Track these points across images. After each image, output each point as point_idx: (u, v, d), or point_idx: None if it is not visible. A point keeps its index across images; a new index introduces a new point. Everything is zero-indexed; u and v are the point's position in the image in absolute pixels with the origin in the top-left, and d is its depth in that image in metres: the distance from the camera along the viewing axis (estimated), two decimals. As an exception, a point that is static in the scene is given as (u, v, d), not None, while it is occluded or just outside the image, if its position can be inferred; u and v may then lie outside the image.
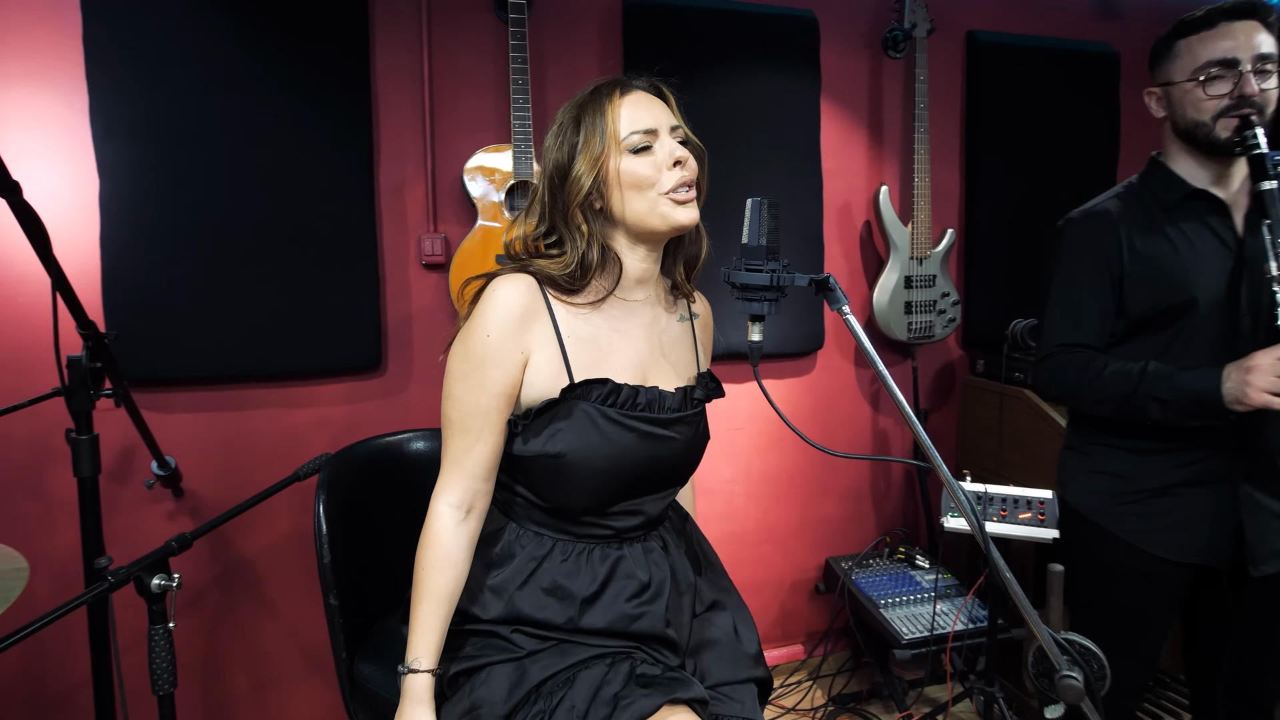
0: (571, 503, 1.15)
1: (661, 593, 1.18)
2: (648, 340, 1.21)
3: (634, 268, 1.19)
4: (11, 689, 1.91)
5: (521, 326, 1.11)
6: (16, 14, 1.76)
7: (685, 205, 1.15)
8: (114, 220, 1.83)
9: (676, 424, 1.19)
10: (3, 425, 1.77)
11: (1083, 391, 1.48)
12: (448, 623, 1.11)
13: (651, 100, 1.16)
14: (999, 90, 2.56)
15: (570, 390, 1.12)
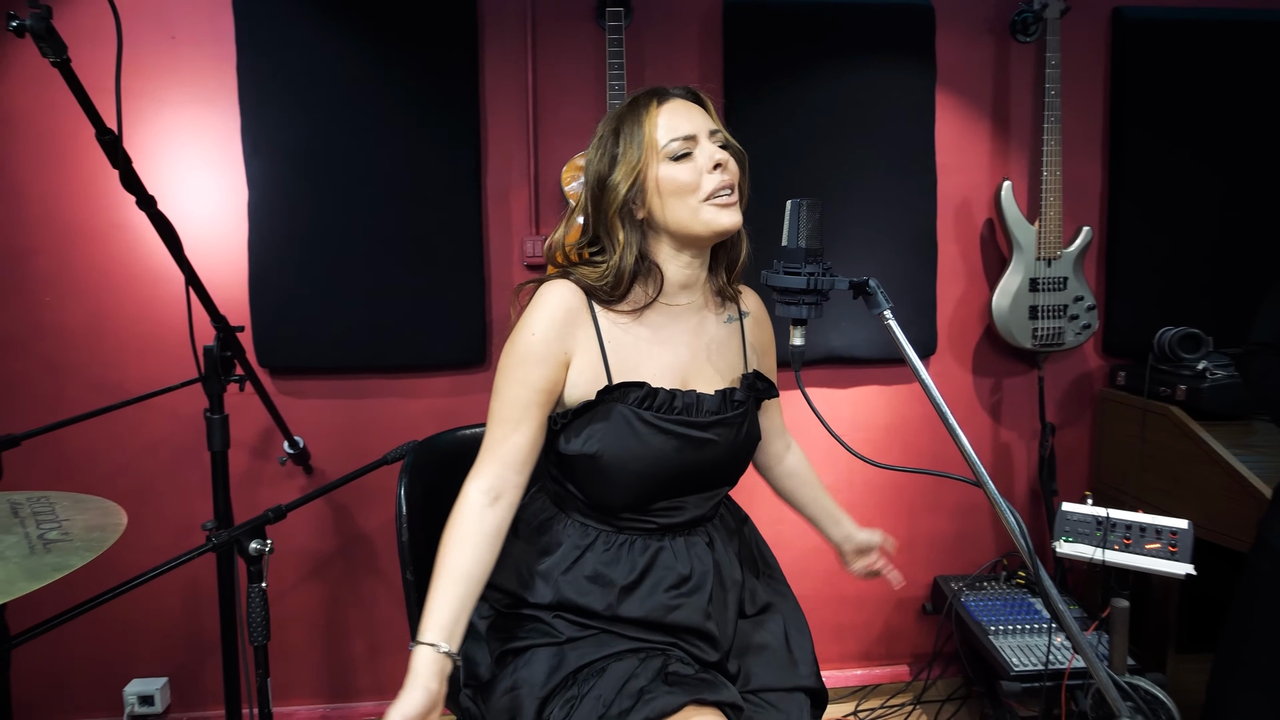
0: (610, 500, 1.18)
1: (702, 586, 1.18)
2: (690, 345, 1.22)
3: (677, 274, 1.20)
4: (175, 629, 2.21)
5: (565, 329, 1.15)
6: (185, 49, 2.04)
7: (728, 209, 1.14)
8: (259, 227, 2.08)
9: (715, 426, 1.19)
10: (172, 402, 2.05)
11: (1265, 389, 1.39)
12: (465, 602, 1.09)
13: (690, 107, 1.17)
14: (1150, 71, 2.30)
15: (607, 393, 1.15)
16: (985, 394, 2.43)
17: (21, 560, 0.79)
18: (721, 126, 1.18)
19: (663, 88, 1.18)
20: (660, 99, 1.16)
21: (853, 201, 2.25)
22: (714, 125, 1.17)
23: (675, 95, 1.17)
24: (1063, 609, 0.93)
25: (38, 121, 2.04)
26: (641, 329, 1.19)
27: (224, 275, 2.09)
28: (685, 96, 1.18)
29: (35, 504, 0.94)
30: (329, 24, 2.04)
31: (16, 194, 2.05)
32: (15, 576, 0.76)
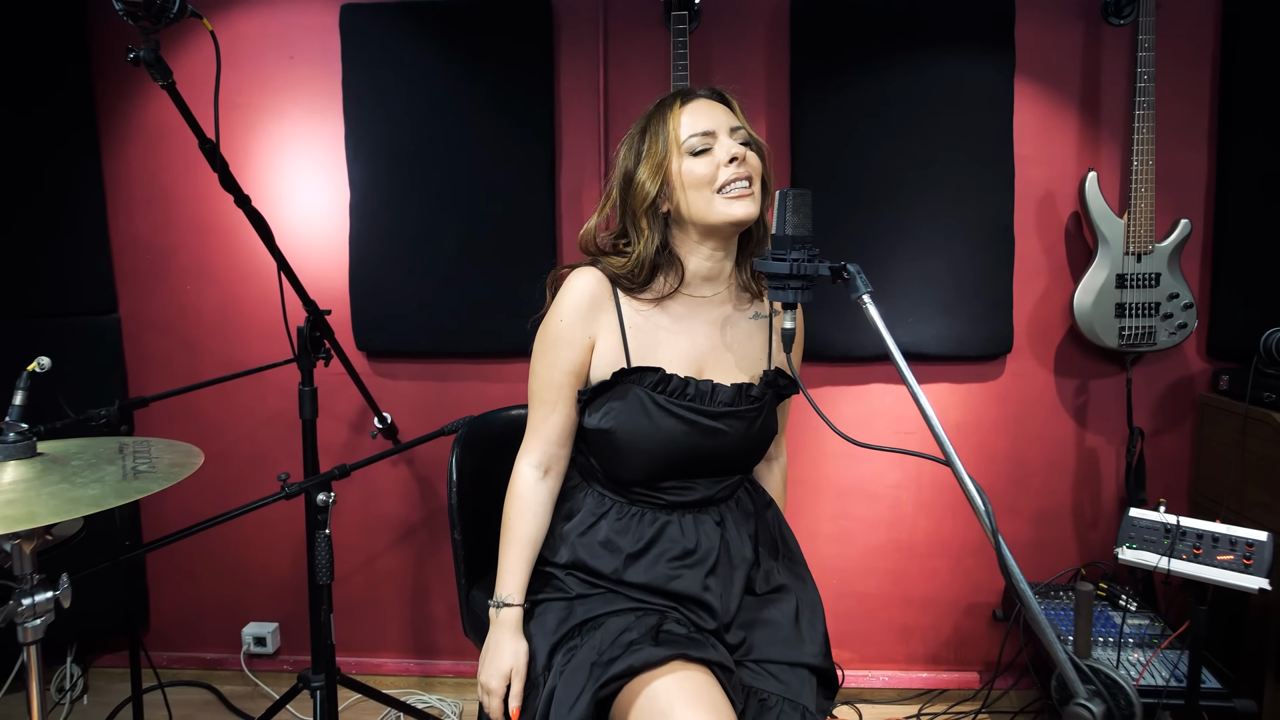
0: (621, 474, 1.27)
1: (705, 560, 1.25)
2: (710, 336, 1.29)
3: (700, 266, 1.28)
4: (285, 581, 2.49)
5: (590, 314, 1.26)
6: (301, 67, 2.30)
7: (742, 199, 1.21)
8: (359, 224, 2.31)
9: (727, 417, 1.25)
10: (283, 379, 2.32)
11: None
12: (531, 564, 1.29)
13: (713, 105, 1.24)
14: (1266, 52, 2.12)
15: (623, 374, 1.24)
16: (1069, 396, 2.32)
17: (115, 484, 0.99)
18: (745, 124, 1.24)
19: (689, 89, 1.27)
20: (685, 99, 1.24)
21: (922, 197, 2.21)
22: (736, 123, 1.24)
23: (700, 95, 1.25)
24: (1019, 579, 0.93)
25: (181, 135, 2.34)
26: (662, 317, 1.28)
27: (329, 267, 2.34)
28: (710, 96, 1.26)
29: (137, 446, 1.15)
30: (420, 39, 2.24)
31: (164, 198, 2.39)
32: (108, 495, 0.96)
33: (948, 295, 2.24)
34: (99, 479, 1.02)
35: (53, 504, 0.94)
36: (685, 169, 1.21)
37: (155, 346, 2.44)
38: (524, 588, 1.27)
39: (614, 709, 1.12)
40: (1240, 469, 2.05)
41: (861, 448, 1.09)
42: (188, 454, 1.15)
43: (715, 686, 1.12)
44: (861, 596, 2.41)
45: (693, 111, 1.23)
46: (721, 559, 1.28)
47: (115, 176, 2.39)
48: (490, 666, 1.23)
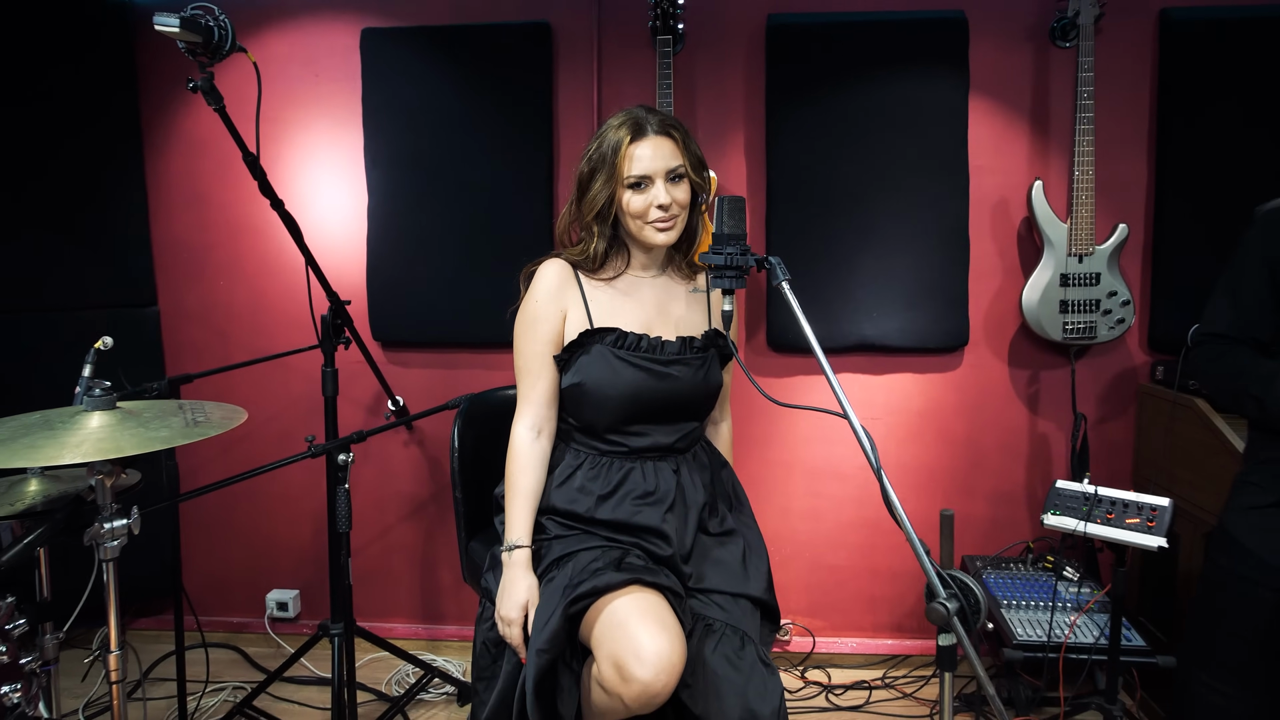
0: (593, 421, 1.52)
1: (664, 500, 1.49)
2: (656, 304, 1.56)
3: (640, 258, 1.57)
4: (306, 551, 2.74)
5: (559, 293, 1.52)
6: (325, 84, 2.56)
7: (663, 232, 1.48)
8: (376, 226, 2.56)
9: (675, 364, 1.51)
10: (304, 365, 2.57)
11: (1203, 379, 1.56)
12: (534, 512, 1.52)
13: (658, 143, 1.46)
14: (1199, 71, 2.33)
15: (588, 334, 1.49)
16: (1022, 385, 2.53)
17: (180, 429, 1.24)
18: (684, 160, 1.47)
19: (641, 122, 1.47)
20: (635, 137, 1.46)
21: (887, 203, 2.43)
22: (676, 162, 1.47)
23: (650, 132, 1.46)
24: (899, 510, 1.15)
25: (218, 146, 2.62)
26: (616, 291, 1.54)
27: (348, 265, 2.59)
28: (658, 132, 1.47)
29: (193, 406, 1.40)
30: (433, 59, 2.49)
31: (202, 202, 2.65)
32: (176, 436, 1.21)
33: (910, 292, 2.46)
34: (166, 425, 1.26)
35: (134, 440, 1.18)
36: (625, 198, 1.48)
37: (190, 335, 2.70)
38: (530, 531, 1.50)
39: (582, 625, 1.34)
40: (1170, 450, 2.26)
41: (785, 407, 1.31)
42: (233, 412, 1.39)
43: (666, 607, 1.34)
44: (832, 569, 2.63)
45: (639, 151, 1.45)
46: (678, 500, 1.51)
47: (157, 182, 2.66)
48: (508, 601, 1.44)
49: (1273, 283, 1.43)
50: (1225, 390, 1.51)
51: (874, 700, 2.44)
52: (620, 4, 2.49)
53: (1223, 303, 1.53)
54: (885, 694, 2.48)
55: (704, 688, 1.33)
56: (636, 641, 1.25)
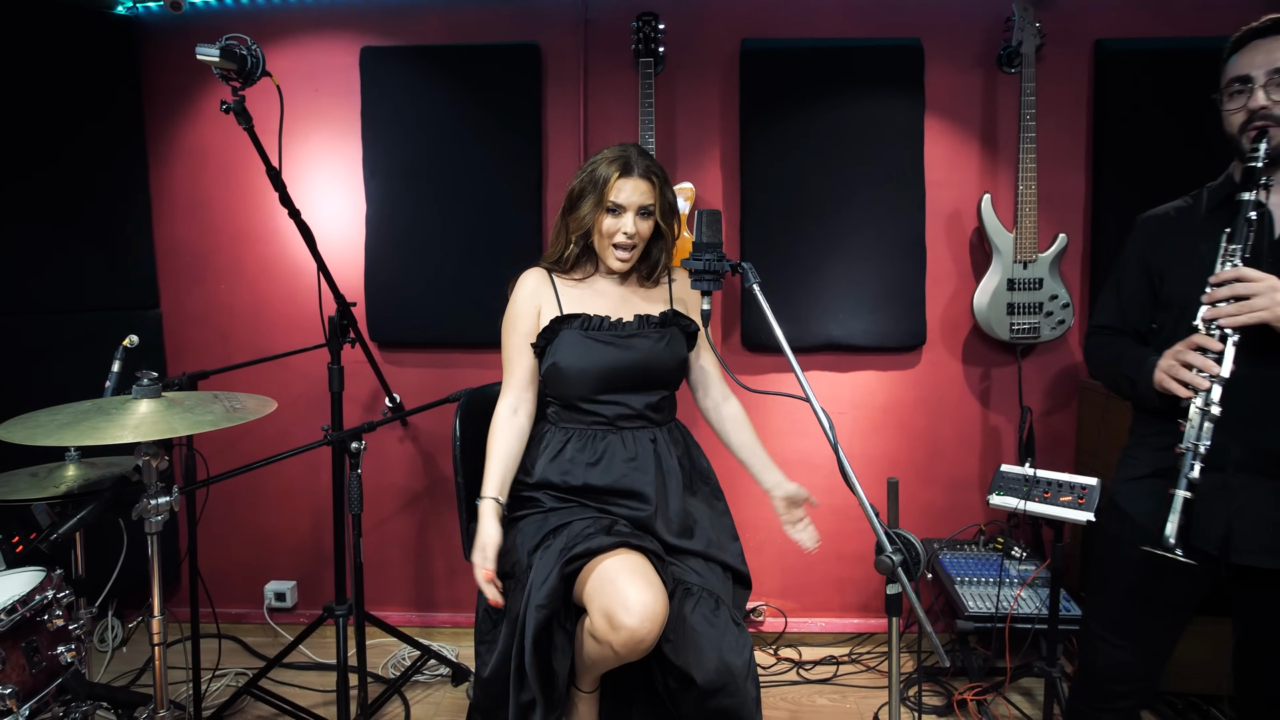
0: (569, 395, 1.73)
1: (645, 466, 1.69)
2: (619, 298, 1.79)
3: (605, 268, 1.79)
4: (304, 542, 2.87)
5: (534, 294, 1.78)
6: (325, 98, 2.71)
7: (620, 258, 1.73)
8: (374, 233, 2.71)
9: (635, 337, 1.73)
10: (303, 365, 2.71)
11: (1093, 367, 1.71)
12: (506, 473, 1.72)
13: (637, 184, 1.70)
14: (1130, 97, 2.58)
15: (559, 320, 1.73)
16: (975, 381, 2.75)
17: (222, 414, 1.39)
18: (656, 201, 1.71)
19: (629, 164, 1.70)
20: (623, 174, 1.69)
21: (851, 214, 2.64)
22: (649, 201, 1.70)
23: (635, 174, 1.70)
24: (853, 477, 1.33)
25: (220, 154, 2.75)
26: (585, 290, 1.79)
27: (347, 269, 2.73)
28: (641, 176, 1.70)
29: (226, 397, 1.55)
30: (429, 76, 2.65)
31: (204, 208, 2.78)
32: (222, 419, 1.36)
33: (873, 296, 2.67)
34: (210, 411, 1.41)
35: (186, 423, 1.33)
36: (601, 219, 1.71)
37: (191, 337, 2.82)
38: (500, 489, 1.70)
39: (576, 585, 1.52)
40: (1105, 440, 2.49)
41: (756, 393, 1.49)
42: (264, 402, 1.55)
43: (650, 567, 1.52)
44: (803, 554, 2.78)
45: (621, 186, 1.69)
46: (656, 466, 1.71)
47: (161, 189, 2.78)
48: (475, 546, 1.64)
49: (1148, 280, 1.59)
50: (1108, 375, 1.65)
51: (841, 674, 2.64)
52: (605, 28, 2.67)
53: (1109, 299, 1.70)
54: (852, 668, 2.67)
55: (684, 642, 1.50)
56: (625, 594, 1.43)
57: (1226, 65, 1.49)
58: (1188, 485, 1.34)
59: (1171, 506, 1.34)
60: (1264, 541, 1.42)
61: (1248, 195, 1.40)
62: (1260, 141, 1.40)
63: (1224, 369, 1.35)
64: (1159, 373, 1.43)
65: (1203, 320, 1.39)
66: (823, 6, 2.65)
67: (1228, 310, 1.35)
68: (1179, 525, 1.33)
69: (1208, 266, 1.41)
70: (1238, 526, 1.43)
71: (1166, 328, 1.53)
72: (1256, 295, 1.33)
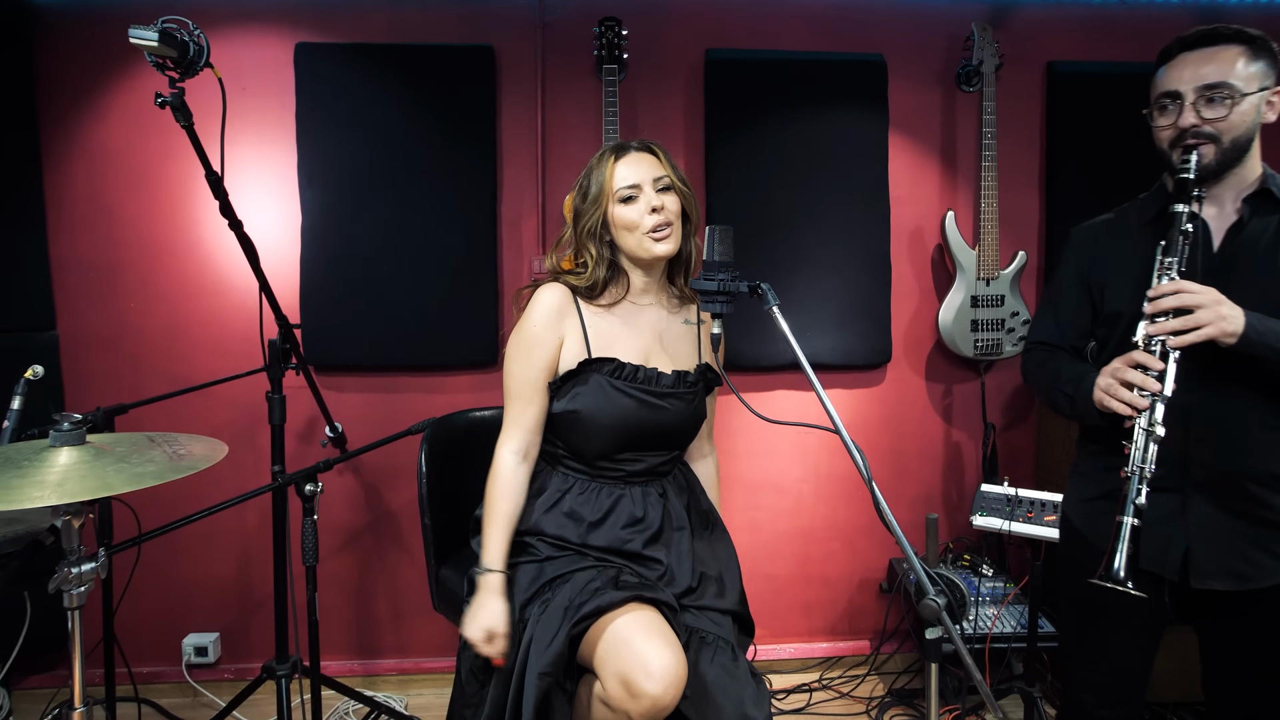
0: (586, 448, 1.53)
1: (652, 526, 1.52)
2: (652, 334, 1.58)
3: (639, 282, 1.59)
4: (227, 590, 2.58)
5: (558, 319, 1.53)
6: (253, 99, 2.46)
7: (663, 240, 1.51)
8: (311, 246, 2.47)
9: (669, 397, 1.54)
10: (229, 393, 2.44)
11: (1030, 383, 1.65)
12: (510, 537, 1.51)
13: (640, 158, 1.53)
14: (1080, 118, 2.64)
15: (586, 364, 1.51)
16: (938, 398, 2.75)
17: (165, 463, 1.16)
18: (669, 171, 1.53)
19: (624, 143, 1.55)
20: (619, 154, 1.53)
21: (816, 229, 2.60)
22: (660, 172, 1.52)
23: (631, 149, 1.54)
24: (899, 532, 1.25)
25: (130, 156, 2.46)
26: (614, 319, 1.57)
27: (279, 286, 2.44)
28: (639, 149, 1.54)
29: (164, 438, 1.32)
30: (373, 75, 2.45)
31: (111, 216, 2.47)
32: (166, 471, 1.13)
33: (839, 313, 2.63)
34: (149, 460, 1.19)
35: (121, 477, 1.10)
36: (618, 214, 1.52)
37: (96, 362, 2.50)
38: (505, 557, 1.50)
39: (583, 646, 1.36)
40: (1069, 455, 2.51)
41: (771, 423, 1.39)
42: (212, 446, 1.32)
43: (664, 622, 1.39)
44: (770, 578, 2.74)
45: (624, 165, 1.52)
46: (665, 525, 1.56)
47: (58, 196, 2.45)
48: (474, 623, 1.44)
49: (1087, 293, 1.55)
50: (1045, 391, 1.60)
51: (815, 702, 2.56)
52: (563, 32, 2.54)
53: (1046, 314, 1.65)
54: (824, 695, 2.60)
55: (703, 697, 1.37)
56: (644, 657, 1.29)
57: (1156, 78, 1.46)
58: (1135, 511, 1.29)
59: (1119, 535, 1.29)
60: (1225, 565, 1.39)
61: (1181, 207, 1.38)
62: (1190, 155, 1.38)
63: (1166, 387, 1.30)
64: (1098, 391, 1.38)
65: (1142, 336, 1.35)
66: (787, 18, 2.60)
67: (1170, 326, 1.31)
68: (1128, 555, 1.28)
69: (1147, 279, 1.38)
70: (1197, 550, 1.39)
71: (1111, 342, 1.50)
72: (1200, 308, 1.30)
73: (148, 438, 1.30)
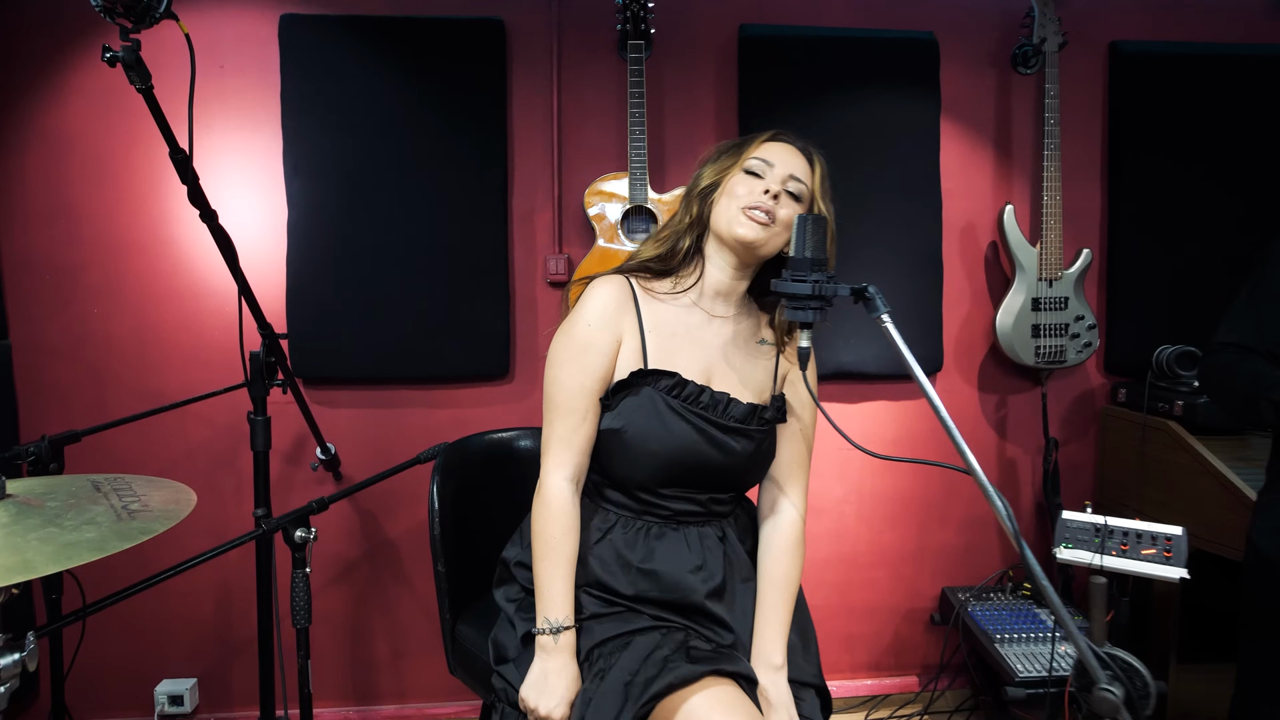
0: (627, 476, 1.27)
1: (713, 576, 1.26)
2: (720, 349, 1.32)
3: (715, 278, 1.31)
4: (205, 632, 2.29)
5: (615, 316, 1.27)
6: (232, 77, 2.18)
7: (750, 223, 1.24)
8: (298, 243, 2.19)
9: (737, 433, 1.27)
10: (206, 410, 2.16)
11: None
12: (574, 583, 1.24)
13: (794, 152, 1.30)
14: (1147, 102, 2.41)
15: (640, 375, 1.25)
16: (990, 410, 2.51)
17: (111, 525, 0.89)
18: (813, 184, 1.30)
19: (782, 132, 1.33)
20: (775, 137, 1.31)
21: (861, 225, 2.34)
22: (802, 177, 1.28)
23: (790, 140, 1.32)
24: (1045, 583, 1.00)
25: (92, 143, 2.17)
26: (679, 325, 1.30)
27: (263, 289, 2.18)
28: (796, 145, 1.31)
29: (113, 483, 1.04)
30: (367, 53, 2.17)
31: (70, 211, 2.18)
32: (109, 538, 0.86)
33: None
34: (90, 520, 0.91)
35: (47, 550, 0.82)
36: (734, 180, 1.28)
37: (54, 375, 2.21)
38: (572, 607, 1.22)
39: (649, 725, 1.11)
40: (1139, 472, 2.29)
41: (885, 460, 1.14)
42: (177, 491, 1.04)
43: (745, 698, 1.14)
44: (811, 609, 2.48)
45: (772, 145, 1.30)
46: (728, 574, 1.30)
47: (9, 186, 2.16)
48: (552, 696, 1.16)
49: None
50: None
51: (863, 748, 2.32)
52: (582, 3, 2.28)
53: (1247, 314, 1.51)
54: (874, 739, 2.36)
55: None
56: (726, 744, 1.03)
57: None
58: None
59: None
60: None
61: None
62: None
63: None
64: None
65: None
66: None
67: None
68: None
69: None
70: None
71: None
72: None
73: (92, 483, 1.02)
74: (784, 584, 1.31)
